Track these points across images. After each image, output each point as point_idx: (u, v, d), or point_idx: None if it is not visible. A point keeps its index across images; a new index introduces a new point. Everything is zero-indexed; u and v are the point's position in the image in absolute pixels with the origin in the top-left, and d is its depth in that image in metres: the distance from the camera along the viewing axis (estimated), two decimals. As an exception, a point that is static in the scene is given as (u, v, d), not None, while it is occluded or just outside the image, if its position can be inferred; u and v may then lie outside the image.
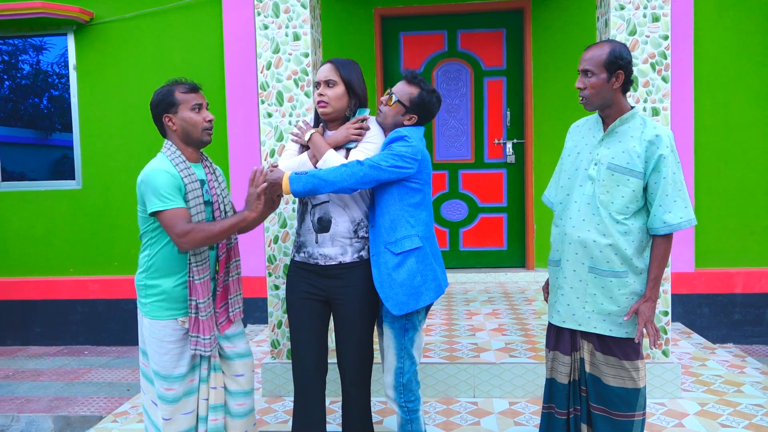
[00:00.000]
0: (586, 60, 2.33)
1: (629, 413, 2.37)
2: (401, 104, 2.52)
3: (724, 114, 5.17)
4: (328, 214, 2.50)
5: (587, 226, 2.37)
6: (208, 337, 2.46)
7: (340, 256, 2.51)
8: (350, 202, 2.52)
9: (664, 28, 3.32)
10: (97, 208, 5.76)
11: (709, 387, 3.59)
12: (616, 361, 2.37)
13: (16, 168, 5.98)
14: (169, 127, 2.50)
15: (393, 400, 2.55)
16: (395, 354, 2.52)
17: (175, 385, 2.48)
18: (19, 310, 5.84)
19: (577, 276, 2.41)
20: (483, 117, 5.71)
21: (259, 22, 3.51)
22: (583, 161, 2.43)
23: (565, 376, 2.47)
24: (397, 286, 2.45)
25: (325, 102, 2.51)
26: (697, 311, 5.25)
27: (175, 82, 2.51)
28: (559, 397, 2.49)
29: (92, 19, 5.66)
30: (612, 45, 2.31)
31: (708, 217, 5.20)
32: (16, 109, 6.00)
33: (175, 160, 2.46)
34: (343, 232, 2.50)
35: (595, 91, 2.32)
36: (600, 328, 2.38)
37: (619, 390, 2.36)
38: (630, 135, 2.33)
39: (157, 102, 2.49)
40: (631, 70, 2.34)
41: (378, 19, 5.60)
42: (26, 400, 4.43)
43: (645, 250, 2.39)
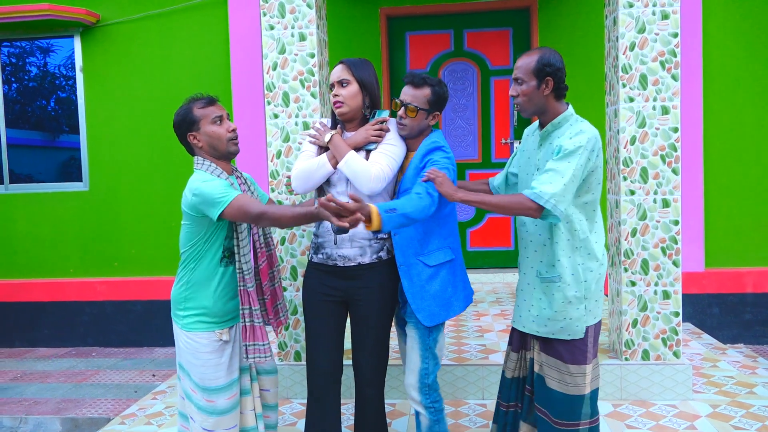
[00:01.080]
0: (518, 68, 2.36)
1: (572, 422, 2.31)
2: (422, 110, 2.48)
3: (733, 112, 5.12)
4: None
5: (539, 230, 2.38)
6: (264, 344, 2.49)
7: (359, 257, 2.50)
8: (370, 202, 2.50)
9: (674, 26, 3.29)
10: (104, 209, 5.77)
11: (721, 388, 3.55)
12: (561, 364, 2.32)
13: (23, 170, 5.99)
14: (195, 144, 2.49)
15: (418, 402, 2.52)
16: (420, 355, 2.49)
17: (214, 397, 2.48)
18: (26, 312, 5.85)
19: (527, 279, 2.44)
20: (490, 116, 5.68)
21: (265, 22, 3.50)
22: (530, 167, 2.46)
23: (510, 372, 2.49)
24: (429, 297, 2.46)
25: (341, 102, 2.50)
26: (708, 311, 5.20)
27: (192, 100, 2.51)
28: (503, 390, 2.52)
29: (98, 20, 5.67)
30: (541, 52, 2.33)
31: (718, 216, 5.15)
32: (23, 111, 6.02)
33: (214, 172, 2.46)
34: (363, 233, 2.49)
35: (527, 98, 2.35)
36: (542, 332, 2.36)
37: (560, 395, 2.31)
38: (558, 136, 2.33)
39: (179, 123, 2.48)
40: (561, 76, 2.32)
41: (384, 19, 5.58)
42: (34, 402, 4.43)
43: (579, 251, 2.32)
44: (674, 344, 3.38)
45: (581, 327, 2.32)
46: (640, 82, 3.32)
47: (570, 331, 2.32)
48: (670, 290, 3.36)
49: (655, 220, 3.35)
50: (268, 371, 2.68)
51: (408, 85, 2.51)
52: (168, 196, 5.54)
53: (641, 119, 3.33)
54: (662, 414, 3.21)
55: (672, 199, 3.34)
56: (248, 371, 2.61)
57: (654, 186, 3.34)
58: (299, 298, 3.51)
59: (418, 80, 2.50)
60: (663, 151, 3.33)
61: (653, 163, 3.33)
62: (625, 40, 3.31)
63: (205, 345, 2.47)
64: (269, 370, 2.68)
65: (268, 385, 2.69)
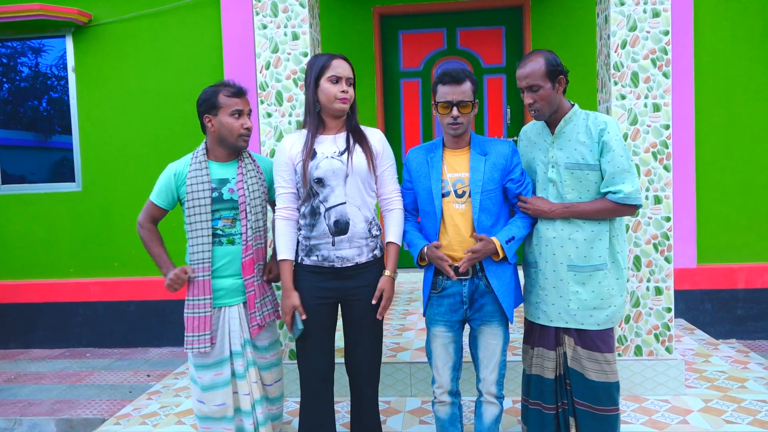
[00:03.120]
0: (528, 76, 2.39)
1: (613, 407, 2.43)
2: (472, 103, 2.50)
3: (725, 109, 5.15)
4: (345, 216, 2.47)
5: (560, 225, 2.44)
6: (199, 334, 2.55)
7: (356, 257, 2.51)
8: (364, 202, 2.52)
9: (665, 24, 3.31)
10: (97, 210, 5.75)
11: (713, 383, 3.58)
12: (599, 355, 2.41)
13: (16, 171, 5.97)
14: (207, 127, 2.60)
15: (495, 396, 2.58)
16: (502, 349, 2.56)
17: (200, 373, 2.61)
18: (20, 314, 5.83)
19: (558, 275, 2.46)
20: (483, 115, 5.69)
21: (258, 21, 3.50)
22: (540, 165, 2.51)
23: (552, 372, 2.51)
24: (510, 294, 2.54)
25: (347, 99, 2.51)
26: (700, 307, 5.24)
27: (222, 84, 2.59)
28: (547, 393, 2.52)
29: (91, 20, 5.65)
30: (543, 55, 2.40)
31: (710, 212, 5.19)
32: (15, 112, 5.99)
33: (194, 159, 2.60)
34: (361, 232, 2.49)
35: (546, 102, 2.40)
36: (587, 324, 2.42)
37: (602, 384, 2.41)
38: (577, 132, 2.42)
39: (202, 101, 2.58)
40: (566, 72, 2.44)
41: (377, 18, 5.58)
42: (29, 404, 4.42)
43: (616, 239, 2.44)
44: (667, 340, 3.40)
45: (622, 313, 2.46)
46: (631, 79, 3.34)
47: (615, 319, 2.44)
48: (663, 286, 3.38)
49: (647, 217, 3.37)
50: (272, 364, 2.75)
51: (449, 84, 2.46)
52: (161, 196, 5.51)
53: (633, 117, 3.35)
54: (655, 409, 3.23)
55: (664, 196, 3.36)
56: (242, 356, 2.63)
57: (646, 183, 3.36)
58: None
59: (460, 75, 2.46)
60: (654, 148, 3.35)
61: (645, 160, 3.36)
62: (616, 38, 3.33)
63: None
64: (274, 362, 2.75)
65: (270, 379, 2.75)
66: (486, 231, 2.50)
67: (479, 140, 2.58)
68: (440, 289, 2.57)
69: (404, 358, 3.61)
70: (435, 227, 2.55)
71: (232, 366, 2.63)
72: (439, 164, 2.56)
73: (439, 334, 2.59)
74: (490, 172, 2.50)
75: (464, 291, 2.53)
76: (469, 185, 2.50)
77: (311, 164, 2.47)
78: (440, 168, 2.55)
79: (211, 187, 2.57)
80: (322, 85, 2.49)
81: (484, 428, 2.61)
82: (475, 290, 2.52)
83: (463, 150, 2.57)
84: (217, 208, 2.59)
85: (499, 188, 2.52)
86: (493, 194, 2.51)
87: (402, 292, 5.40)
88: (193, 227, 2.57)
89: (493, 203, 2.51)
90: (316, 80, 2.51)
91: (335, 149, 2.51)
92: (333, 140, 2.54)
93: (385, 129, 5.71)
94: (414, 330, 4.19)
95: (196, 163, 2.60)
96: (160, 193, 2.65)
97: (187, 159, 2.65)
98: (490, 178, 2.50)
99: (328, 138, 2.54)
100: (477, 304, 2.53)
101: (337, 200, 2.47)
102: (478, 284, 2.52)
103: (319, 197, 2.49)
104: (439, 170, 2.55)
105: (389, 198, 2.62)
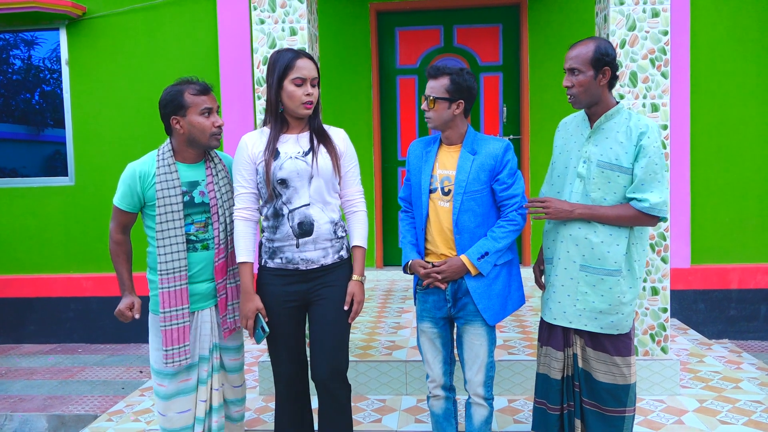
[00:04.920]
0: (572, 58, 2.34)
1: (620, 409, 2.39)
2: (442, 99, 2.48)
3: (720, 110, 5.16)
4: (309, 217, 2.39)
5: (579, 224, 2.39)
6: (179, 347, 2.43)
7: (322, 259, 2.43)
8: (328, 203, 2.45)
9: (664, 24, 3.31)
10: (90, 204, 5.70)
11: (708, 383, 3.59)
12: (607, 357, 2.38)
13: (7, 164, 5.91)
14: (176, 129, 2.44)
15: (482, 398, 2.56)
16: (487, 350, 2.53)
17: (165, 382, 2.48)
18: (12, 308, 5.78)
19: (569, 274, 2.42)
20: (479, 113, 5.68)
21: (255, 16, 3.47)
22: (572, 159, 2.44)
23: (558, 372, 2.48)
24: (494, 296, 2.48)
25: (312, 102, 2.41)
26: (693, 307, 5.26)
27: (186, 82, 2.43)
28: (552, 393, 2.50)
29: (85, 13, 5.59)
30: (597, 42, 2.32)
31: (704, 213, 5.20)
32: (7, 105, 5.93)
33: (160, 161, 2.42)
34: (326, 234, 2.42)
35: (583, 88, 2.33)
36: (591, 326, 2.39)
37: (609, 386, 2.38)
38: (616, 131, 2.35)
39: (166, 102, 2.42)
40: (617, 66, 2.35)
41: (374, 15, 5.56)
42: (19, 399, 4.38)
43: (636, 247, 2.39)
44: (662, 340, 3.41)
45: (629, 322, 2.39)
46: (630, 79, 3.34)
47: (619, 326, 2.37)
48: (659, 286, 3.39)
49: (644, 217, 3.36)
50: (240, 367, 2.66)
51: (428, 78, 2.50)
52: (155, 191, 5.47)
53: (631, 116, 3.35)
54: (650, 409, 3.23)
55: (661, 196, 3.36)
56: (208, 361, 2.52)
57: (643, 183, 3.36)
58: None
59: (434, 71, 2.48)
60: (652, 149, 3.35)
61: (642, 160, 3.35)
62: (615, 38, 3.32)
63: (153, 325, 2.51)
64: (241, 365, 2.67)
65: (239, 381, 2.67)
66: (468, 232, 2.48)
67: (473, 138, 2.55)
68: (425, 285, 2.58)
69: (400, 356, 3.60)
70: (422, 222, 2.57)
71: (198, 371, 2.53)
72: (432, 160, 2.57)
73: (426, 330, 2.62)
74: (476, 172, 2.47)
75: (447, 289, 2.53)
76: (453, 184, 2.50)
77: (274, 164, 2.37)
78: (432, 164, 2.56)
79: (182, 191, 2.43)
80: (286, 87, 2.36)
81: (474, 429, 2.60)
82: (458, 289, 2.52)
83: (456, 147, 2.56)
84: (189, 213, 2.45)
85: (486, 189, 2.49)
86: (479, 195, 2.47)
87: (396, 290, 5.39)
88: (165, 234, 2.40)
89: (478, 204, 2.47)
90: (279, 81, 2.37)
91: (299, 149, 2.40)
92: (296, 140, 2.43)
93: (381, 126, 5.69)
94: (409, 328, 4.18)
95: (165, 165, 2.41)
96: (125, 197, 2.45)
97: (151, 159, 2.45)
98: (475, 178, 2.46)
99: (291, 138, 2.43)
100: (460, 303, 2.53)
101: (301, 201, 2.38)
102: (461, 283, 2.51)
103: (282, 198, 2.39)
104: (430, 166, 2.56)
105: (352, 200, 2.54)
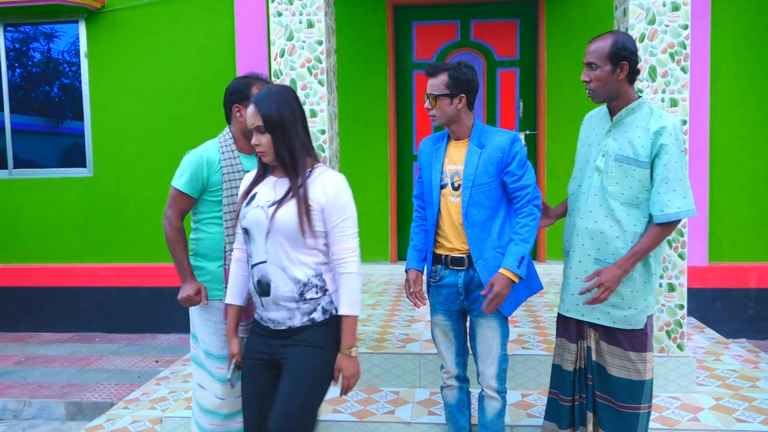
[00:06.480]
0: (590, 52, 2.33)
1: (634, 405, 2.37)
2: (443, 96, 2.48)
3: (740, 105, 5.10)
4: (266, 276, 2.13)
5: (595, 217, 2.38)
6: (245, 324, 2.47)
7: (288, 321, 2.14)
8: (290, 263, 2.11)
9: (684, 18, 3.27)
10: (108, 195, 5.77)
11: (724, 381, 3.56)
12: (621, 351, 2.37)
13: (27, 155, 5.99)
14: (235, 116, 2.54)
15: (495, 390, 2.58)
16: (500, 343, 2.55)
17: (225, 364, 2.52)
18: (31, 297, 5.87)
19: (583, 267, 2.42)
20: (495, 108, 5.66)
21: (273, 8, 3.48)
22: (593, 152, 2.44)
23: (571, 364, 2.48)
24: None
25: (262, 151, 2.14)
26: (711, 306, 5.20)
27: (256, 77, 2.54)
28: (564, 384, 2.50)
29: (104, 6, 5.65)
30: (615, 36, 2.30)
31: (723, 210, 5.15)
32: (27, 97, 6.01)
33: (223, 147, 2.51)
34: (286, 295, 2.11)
35: (600, 83, 2.32)
36: (603, 320, 2.38)
37: (623, 381, 2.37)
38: (636, 125, 2.33)
39: (233, 90, 2.53)
40: (637, 60, 2.33)
41: (390, 9, 5.55)
42: (38, 386, 4.45)
43: None
44: (678, 337, 3.38)
45: (643, 318, 2.37)
46: (649, 74, 3.30)
47: (632, 321, 2.35)
48: (676, 283, 3.36)
49: (661, 213, 3.34)
50: None
51: (427, 77, 2.52)
52: (172, 183, 5.53)
53: (650, 111, 3.31)
54: (666, 406, 3.21)
55: (679, 192, 3.33)
56: None
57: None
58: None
59: (431, 69, 2.51)
60: (671, 144, 3.32)
61: (661, 155, 3.32)
62: (635, 31, 3.29)
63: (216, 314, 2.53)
64: None
65: None
66: (479, 226, 2.48)
67: (480, 131, 2.55)
68: (438, 278, 2.60)
69: (413, 349, 3.61)
70: (433, 218, 2.59)
71: None
72: (442, 156, 2.58)
73: (439, 322, 2.65)
74: (484, 165, 2.48)
75: (459, 282, 2.54)
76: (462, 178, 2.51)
77: (243, 211, 2.19)
78: (442, 159, 2.58)
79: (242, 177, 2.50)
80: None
81: (487, 422, 2.61)
82: (470, 281, 2.53)
83: (464, 142, 2.57)
84: None
85: (495, 182, 2.49)
86: (488, 188, 2.48)
87: (411, 284, 5.39)
88: (231, 216, 2.46)
89: (487, 197, 2.48)
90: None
91: (271, 197, 2.15)
92: (273, 186, 2.18)
93: (397, 120, 5.68)
94: (423, 321, 4.19)
95: (228, 151, 2.50)
96: (191, 182, 2.45)
97: (214, 147, 2.50)
98: (483, 171, 2.47)
99: (270, 181, 2.21)
100: (473, 296, 2.54)
101: (259, 258, 2.15)
102: (473, 275, 2.52)
103: (248, 250, 2.21)
104: (440, 162, 2.58)
105: (340, 259, 2.15)
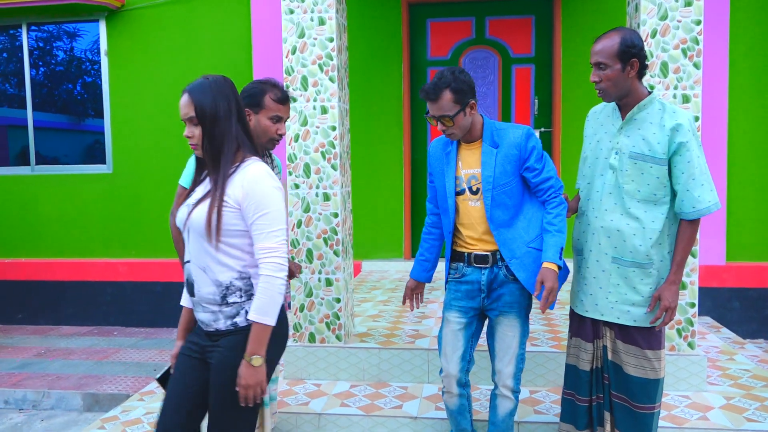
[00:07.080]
0: (598, 52, 2.29)
1: (649, 405, 2.35)
2: (456, 114, 2.38)
3: (759, 104, 5.02)
4: (191, 276, 2.07)
5: (610, 215, 2.36)
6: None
7: (213, 323, 2.06)
8: (213, 264, 2.01)
9: (697, 13, 3.23)
10: (127, 192, 5.88)
11: (736, 381, 3.52)
12: (638, 350, 2.35)
13: (49, 152, 6.12)
14: None
15: (510, 389, 2.56)
16: (519, 342, 2.53)
17: None
18: (51, 291, 6.00)
19: (600, 266, 2.40)
20: (510, 105, 5.65)
21: (285, 6, 3.52)
22: (603, 150, 2.41)
23: (588, 364, 2.46)
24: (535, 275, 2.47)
25: (195, 144, 2.04)
26: (727, 305, 5.14)
27: (273, 85, 2.51)
28: (580, 385, 2.47)
29: (123, 5, 5.75)
30: (622, 33, 2.26)
31: (741, 209, 5.07)
32: (50, 95, 6.14)
33: None
34: (208, 297, 2.03)
35: (611, 82, 2.29)
36: (623, 319, 2.36)
37: (641, 380, 2.34)
38: (649, 122, 2.30)
39: (247, 94, 2.50)
40: (645, 55, 2.29)
41: (405, 6, 5.56)
42: (57, 378, 4.55)
43: (669, 238, 2.35)
44: (689, 335, 3.35)
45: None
46: (661, 69, 3.28)
47: (651, 318, 2.33)
48: (687, 281, 3.32)
49: (673, 210, 3.31)
50: None
51: (428, 101, 2.41)
52: (189, 180, 5.61)
53: (661, 107, 3.29)
54: (675, 404, 3.19)
55: (691, 189, 3.29)
56: None
57: (673, 175, 3.30)
58: (314, 280, 3.55)
59: (431, 93, 2.38)
60: (683, 140, 3.29)
61: (672, 152, 3.29)
62: (646, 27, 3.26)
63: None
64: None
65: None
66: (503, 225, 2.47)
67: (492, 130, 2.49)
68: (460, 274, 2.57)
69: (423, 344, 3.62)
70: (449, 225, 2.55)
71: None
72: (454, 160, 2.53)
73: (452, 320, 2.60)
74: (501, 165, 2.44)
75: (483, 279, 2.52)
76: (481, 182, 2.48)
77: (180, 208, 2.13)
78: (455, 164, 2.53)
79: None
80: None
81: (498, 421, 2.60)
82: (494, 279, 2.51)
83: (476, 144, 2.51)
84: None
85: (514, 180, 2.46)
86: (508, 187, 2.46)
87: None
88: None
89: (509, 196, 2.46)
90: None
91: (200, 195, 2.06)
92: (206, 183, 2.08)
93: (411, 118, 5.70)
94: (434, 318, 4.20)
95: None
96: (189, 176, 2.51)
97: None
98: (502, 171, 2.45)
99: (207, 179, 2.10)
100: (495, 294, 2.52)
101: (188, 256, 2.08)
102: (497, 273, 2.50)
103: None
104: (453, 167, 2.53)
105: (258, 259, 2.00)
